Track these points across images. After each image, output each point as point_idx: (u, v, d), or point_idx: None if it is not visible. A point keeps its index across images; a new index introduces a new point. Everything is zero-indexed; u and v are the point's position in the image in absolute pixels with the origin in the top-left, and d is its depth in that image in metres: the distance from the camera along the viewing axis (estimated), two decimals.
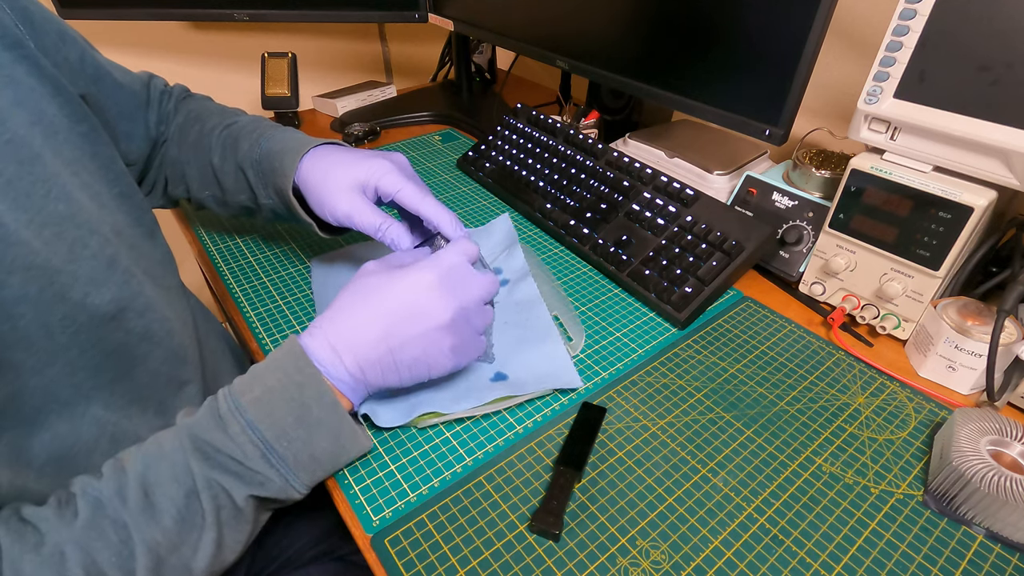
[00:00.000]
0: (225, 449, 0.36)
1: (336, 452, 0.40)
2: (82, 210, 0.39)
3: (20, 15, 0.40)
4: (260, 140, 0.54)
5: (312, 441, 0.38)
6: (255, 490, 0.37)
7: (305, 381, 0.39)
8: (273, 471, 0.37)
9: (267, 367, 0.39)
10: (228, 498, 0.37)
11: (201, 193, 0.59)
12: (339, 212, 0.49)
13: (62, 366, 0.37)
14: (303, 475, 0.39)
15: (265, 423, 0.37)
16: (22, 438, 0.36)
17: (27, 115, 0.37)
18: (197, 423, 0.38)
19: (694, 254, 0.58)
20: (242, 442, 0.37)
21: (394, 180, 0.49)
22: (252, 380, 0.39)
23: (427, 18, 0.94)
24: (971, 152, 0.46)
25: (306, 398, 0.38)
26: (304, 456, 0.38)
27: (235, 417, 0.37)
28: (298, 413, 0.38)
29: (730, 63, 0.60)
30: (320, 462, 0.39)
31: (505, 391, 0.48)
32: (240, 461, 0.37)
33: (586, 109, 0.88)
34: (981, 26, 0.42)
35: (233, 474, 0.37)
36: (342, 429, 0.40)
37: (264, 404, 0.38)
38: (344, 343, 0.40)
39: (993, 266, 0.55)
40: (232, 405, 0.38)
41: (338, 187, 0.49)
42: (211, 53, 1.13)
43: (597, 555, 0.38)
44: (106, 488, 0.35)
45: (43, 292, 0.35)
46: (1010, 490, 0.38)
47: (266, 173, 0.53)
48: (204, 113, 0.59)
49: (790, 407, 0.49)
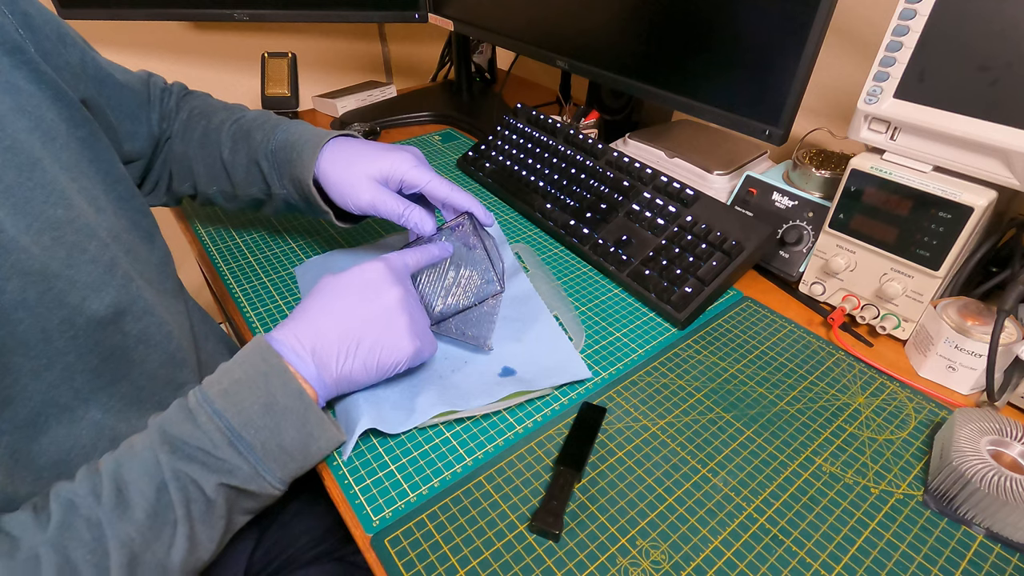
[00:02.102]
0: (192, 440, 0.37)
1: (305, 441, 0.40)
2: (80, 215, 0.39)
3: (20, 19, 0.40)
4: (275, 131, 0.56)
5: (279, 429, 0.39)
6: (224, 478, 0.37)
7: (270, 371, 0.39)
8: (241, 459, 0.37)
9: (234, 362, 0.40)
10: (198, 490, 0.37)
11: (208, 188, 0.60)
12: (362, 201, 0.52)
13: (60, 370, 0.37)
14: (273, 465, 0.39)
15: (231, 411, 0.38)
16: (21, 442, 0.36)
17: (26, 121, 0.37)
18: (166, 418, 0.38)
19: (694, 254, 0.58)
20: (209, 430, 0.37)
21: (421, 173, 0.53)
22: (220, 375, 0.40)
23: (427, 18, 0.94)
24: (971, 152, 0.46)
25: (272, 387, 0.39)
26: (272, 445, 0.38)
27: (202, 408, 0.38)
28: (264, 401, 0.38)
29: (730, 63, 0.60)
30: (289, 452, 0.39)
31: (516, 386, 0.48)
32: (207, 451, 0.37)
33: (586, 109, 0.88)
34: (981, 26, 0.42)
35: (200, 463, 0.37)
36: (308, 417, 0.40)
37: (231, 394, 0.38)
38: (305, 333, 0.42)
39: (993, 266, 0.55)
40: (200, 398, 0.38)
41: (361, 177, 0.52)
42: (211, 53, 1.13)
43: (597, 555, 0.38)
44: (80, 488, 0.35)
45: (41, 297, 0.35)
46: (1010, 490, 0.38)
47: (282, 163, 0.55)
48: (209, 109, 0.60)
49: (790, 407, 0.49)
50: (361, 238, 0.69)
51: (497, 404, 0.47)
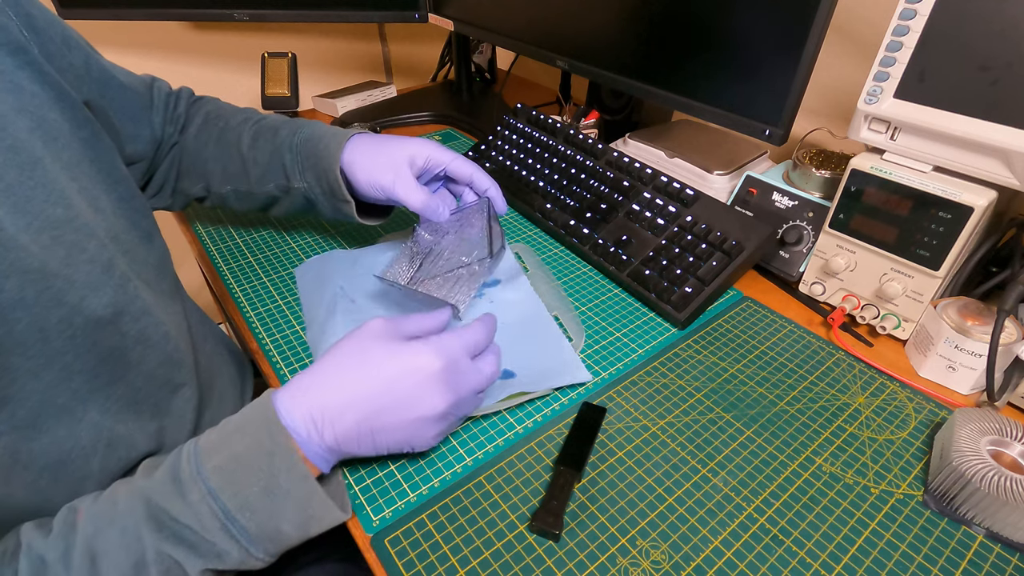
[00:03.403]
0: (181, 518, 0.34)
1: (304, 523, 0.37)
2: (80, 215, 0.39)
3: (24, 21, 0.40)
4: (301, 128, 0.59)
5: (278, 513, 0.36)
6: (211, 563, 0.35)
7: (276, 450, 0.36)
8: (232, 543, 0.35)
9: (237, 428, 0.37)
10: (181, 573, 0.35)
11: (223, 187, 0.61)
12: (385, 180, 0.54)
13: (58, 371, 0.37)
14: (267, 545, 0.36)
15: (227, 492, 0.35)
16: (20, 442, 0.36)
17: (28, 121, 0.37)
18: (155, 487, 0.36)
19: (694, 254, 0.58)
20: (201, 512, 0.34)
21: (444, 153, 0.56)
22: (220, 442, 0.37)
23: (427, 18, 0.94)
24: (971, 152, 0.46)
25: (275, 469, 0.36)
26: (269, 528, 0.36)
27: (196, 484, 0.35)
28: (265, 483, 0.35)
29: (730, 63, 0.60)
30: (285, 534, 0.37)
31: (516, 388, 0.48)
32: (196, 531, 0.34)
33: (586, 109, 0.88)
34: (981, 26, 0.42)
35: (188, 545, 0.35)
36: (312, 501, 0.37)
37: (228, 472, 0.35)
38: (326, 416, 0.38)
39: (993, 266, 0.55)
40: (195, 470, 0.35)
41: (387, 159, 0.54)
42: (211, 53, 1.13)
43: (597, 555, 0.38)
44: (52, 550, 0.34)
45: (40, 296, 0.35)
46: (1010, 490, 0.38)
47: (308, 156, 0.57)
48: (225, 112, 0.62)
49: (790, 407, 0.49)
50: (361, 239, 0.69)
51: (497, 405, 0.47)
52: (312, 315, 0.56)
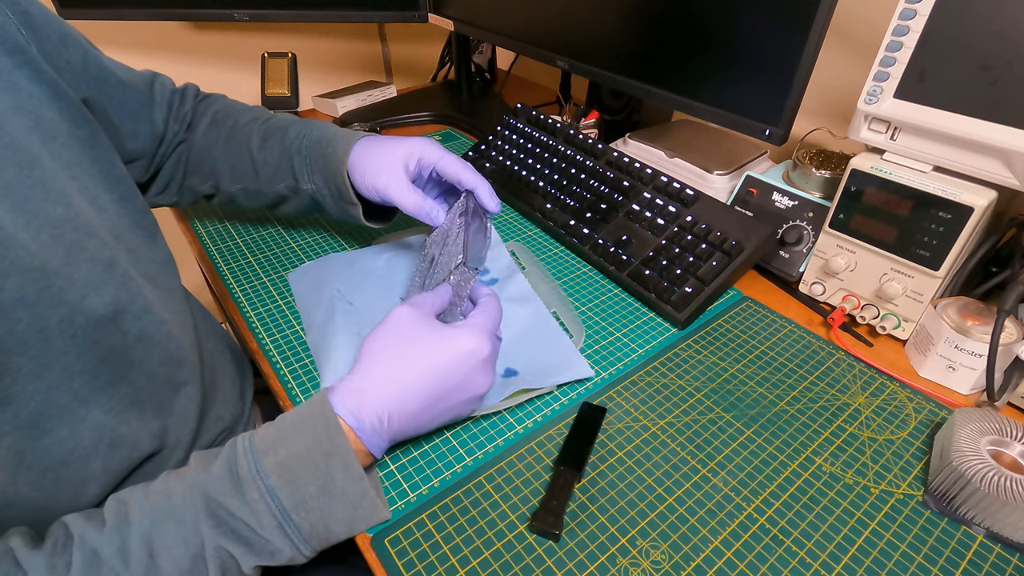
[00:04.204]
0: (240, 515, 0.35)
1: (352, 522, 0.38)
2: (80, 213, 0.39)
3: (22, 19, 0.40)
4: (310, 129, 0.59)
5: (331, 511, 0.37)
6: (264, 560, 0.36)
7: (334, 451, 0.37)
8: (286, 541, 0.36)
9: (294, 427, 0.38)
10: (235, 566, 0.36)
11: (232, 186, 0.61)
12: (379, 182, 0.54)
13: (60, 370, 0.37)
14: (315, 543, 0.38)
15: (286, 491, 0.36)
16: (24, 442, 0.36)
17: (26, 120, 0.37)
18: (213, 482, 0.36)
19: (694, 254, 0.58)
20: (259, 510, 0.36)
21: (435, 151, 0.55)
22: (277, 440, 0.38)
23: (427, 18, 0.94)
24: (971, 152, 0.46)
25: (332, 468, 0.37)
26: (320, 526, 0.37)
27: (255, 482, 0.36)
28: (321, 483, 0.37)
29: (730, 63, 0.60)
30: (333, 532, 0.38)
31: (520, 386, 0.48)
32: (253, 528, 0.35)
33: (586, 109, 0.88)
34: (981, 26, 0.42)
35: (244, 542, 0.36)
36: (363, 501, 0.38)
37: (287, 471, 0.36)
38: (392, 411, 0.40)
39: (993, 266, 0.55)
40: (253, 468, 0.36)
41: (382, 162, 0.54)
42: (211, 53, 1.13)
43: (597, 555, 0.38)
44: (108, 544, 0.34)
45: (40, 295, 0.35)
46: (1010, 490, 0.38)
47: (315, 159, 0.57)
48: (234, 111, 0.63)
49: (790, 407, 0.49)
50: (361, 239, 0.69)
51: (500, 404, 0.47)
52: (311, 318, 0.56)
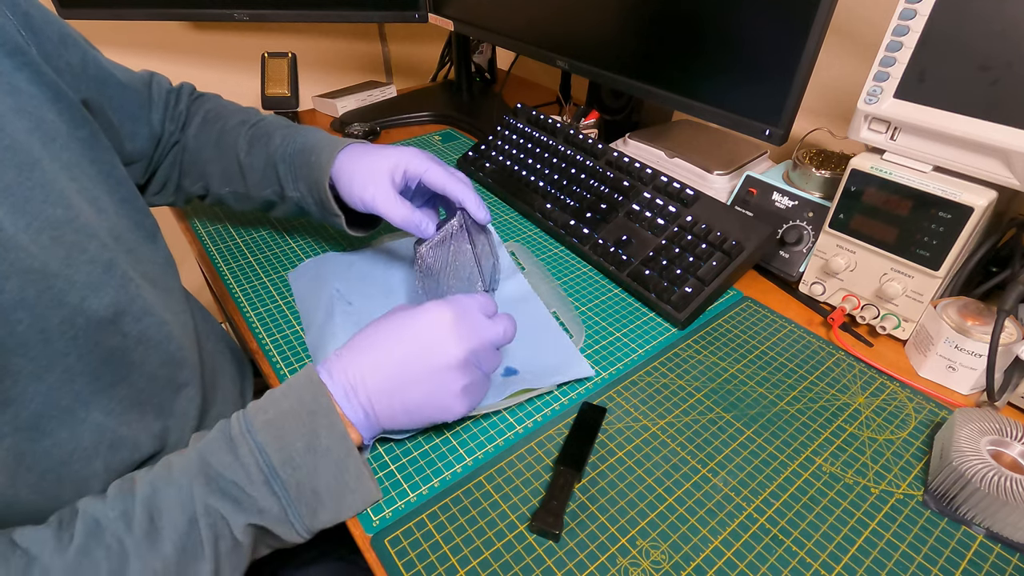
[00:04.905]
0: (228, 473, 0.36)
1: (339, 490, 0.39)
2: (80, 215, 0.39)
3: (22, 20, 0.40)
4: (294, 136, 0.58)
5: (317, 471, 0.38)
6: (253, 518, 0.37)
7: (318, 409, 0.39)
8: (273, 499, 0.37)
9: (283, 392, 0.39)
10: (226, 527, 0.36)
11: (221, 189, 0.61)
12: (366, 195, 0.52)
13: (60, 372, 0.37)
14: (303, 509, 0.38)
15: (273, 446, 0.37)
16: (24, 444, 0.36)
17: (26, 121, 0.37)
18: (208, 444, 0.38)
19: (694, 254, 0.58)
20: (248, 464, 0.36)
21: (421, 162, 0.54)
22: (267, 403, 0.39)
23: (427, 18, 0.94)
24: (971, 152, 0.46)
25: (317, 426, 0.38)
26: (306, 488, 0.38)
27: (245, 439, 0.37)
28: (307, 439, 0.38)
29: (730, 63, 0.60)
30: (321, 499, 0.38)
31: (520, 386, 0.48)
32: (242, 487, 0.36)
33: (586, 109, 0.88)
34: (981, 26, 0.42)
35: (232, 500, 0.36)
36: (347, 464, 0.39)
37: (275, 427, 0.38)
38: (359, 375, 0.40)
39: (993, 266, 0.55)
40: (244, 426, 0.38)
41: (368, 174, 0.53)
42: (211, 53, 1.13)
43: (597, 555, 0.38)
44: (110, 510, 0.35)
45: (40, 296, 0.35)
46: (1010, 490, 0.38)
47: (299, 167, 0.56)
48: (224, 111, 0.62)
49: (790, 407, 0.49)
50: (360, 240, 0.69)
51: (501, 403, 0.47)
52: (310, 318, 0.56)
